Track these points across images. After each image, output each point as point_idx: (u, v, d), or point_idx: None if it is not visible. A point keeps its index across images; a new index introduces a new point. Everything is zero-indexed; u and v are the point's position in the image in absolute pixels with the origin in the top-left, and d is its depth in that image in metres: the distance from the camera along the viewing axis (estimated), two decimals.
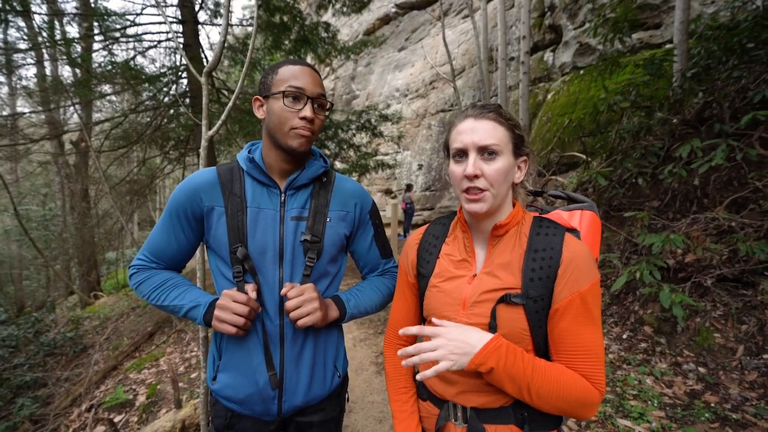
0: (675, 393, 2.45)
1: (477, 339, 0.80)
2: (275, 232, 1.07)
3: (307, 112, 1.03)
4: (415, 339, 1.13)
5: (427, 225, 1.09)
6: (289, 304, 1.01)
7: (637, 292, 3.28)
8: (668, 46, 5.78)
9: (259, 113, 1.10)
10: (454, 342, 0.79)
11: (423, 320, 1.08)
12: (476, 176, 0.85)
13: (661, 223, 3.47)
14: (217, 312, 0.99)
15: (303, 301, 1.01)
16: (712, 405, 2.29)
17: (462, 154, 0.88)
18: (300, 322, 1.01)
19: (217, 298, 1.07)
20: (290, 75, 1.04)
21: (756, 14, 4.04)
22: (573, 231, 0.95)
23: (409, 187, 11.46)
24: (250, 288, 1.03)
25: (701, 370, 2.56)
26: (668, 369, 2.66)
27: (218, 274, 1.11)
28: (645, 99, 4.57)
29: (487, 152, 0.85)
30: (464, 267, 0.95)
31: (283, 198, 1.09)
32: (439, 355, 0.78)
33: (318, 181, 1.15)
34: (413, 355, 0.80)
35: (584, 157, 5.57)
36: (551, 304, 0.84)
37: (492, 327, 0.85)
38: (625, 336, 3.09)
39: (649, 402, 2.41)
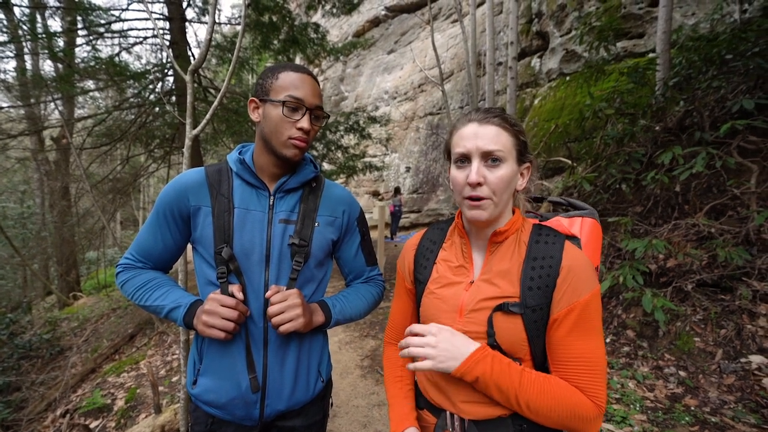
0: (656, 396, 2.49)
1: (464, 346, 0.81)
2: (262, 234, 1.06)
3: (305, 123, 1.02)
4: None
5: (425, 230, 1.08)
6: (271, 309, 0.99)
7: (620, 296, 3.33)
8: (651, 55, 5.93)
9: (254, 115, 1.08)
10: (443, 343, 0.81)
11: None
12: (479, 184, 0.82)
13: (643, 229, 3.54)
14: (204, 318, 0.97)
15: (286, 306, 1.00)
16: (692, 408, 2.33)
17: (465, 159, 0.85)
18: (282, 328, 0.99)
19: (198, 299, 1.05)
20: (290, 83, 1.02)
21: (734, 27, 4.17)
22: (573, 238, 0.94)
23: (397, 190, 11.49)
24: (235, 288, 1.01)
25: (681, 373, 2.61)
26: (650, 373, 2.70)
27: (202, 276, 1.09)
28: (629, 106, 4.67)
29: (491, 158, 0.83)
30: (461, 273, 0.93)
31: (272, 201, 1.09)
32: (425, 352, 0.81)
33: (308, 185, 1.15)
34: (405, 348, 0.85)
35: (570, 162, 5.65)
36: (550, 313, 0.83)
37: (490, 335, 0.84)
38: (608, 340, 3.13)
39: (632, 406, 2.44)
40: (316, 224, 1.12)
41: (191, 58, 6.02)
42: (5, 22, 5.75)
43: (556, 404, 0.78)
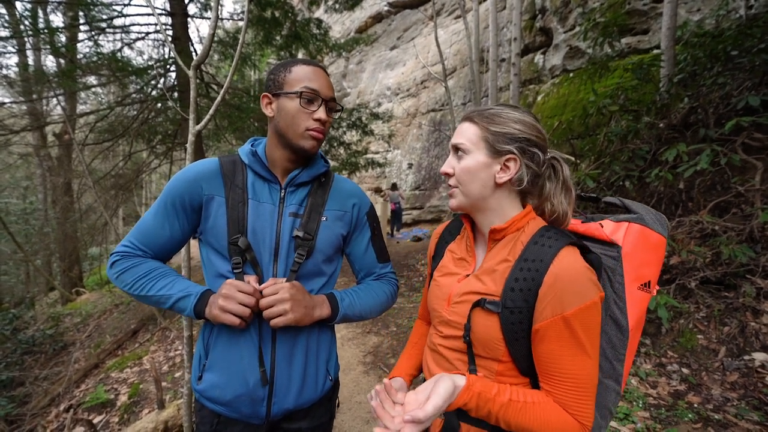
0: (659, 394, 2.49)
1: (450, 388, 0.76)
2: (272, 227, 1.05)
3: (322, 114, 1.02)
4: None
5: (450, 221, 1.11)
6: (262, 302, 0.98)
7: None
8: (656, 51, 5.89)
9: (268, 111, 1.07)
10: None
11: None
12: (447, 174, 0.91)
13: None
14: (221, 302, 0.95)
15: (274, 300, 0.98)
16: (695, 405, 2.32)
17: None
18: (272, 322, 0.98)
19: (209, 289, 1.04)
20: (304, 75, 1.03)
21: (739, 23, 4.13)
22: (612, 246, 0.88)
23: (395, 186, 11.46)
24: (252, 279, 1.01)
25: (684, 371, 2.60)
26: (653, 370, 2.70)
27: (211, 269, 1.07)
28: (633, 103, 4.64)
29: (458, 151, 0.89)
30: (462, 266, 0.95)
31: (282, 194, 1.08)
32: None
33: (317, 180, 1.15)
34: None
35: (573, 159, 5.62)
36: (532, 320, 0.79)
37: (467, 329, 0.84)
38: None
39: (635, 403, 2.44)
40: (324, 219, 1.11)
41: (193, 53, 6.00)
42: (7, 17, 5.75)
43: (540, 427, 0.75)
